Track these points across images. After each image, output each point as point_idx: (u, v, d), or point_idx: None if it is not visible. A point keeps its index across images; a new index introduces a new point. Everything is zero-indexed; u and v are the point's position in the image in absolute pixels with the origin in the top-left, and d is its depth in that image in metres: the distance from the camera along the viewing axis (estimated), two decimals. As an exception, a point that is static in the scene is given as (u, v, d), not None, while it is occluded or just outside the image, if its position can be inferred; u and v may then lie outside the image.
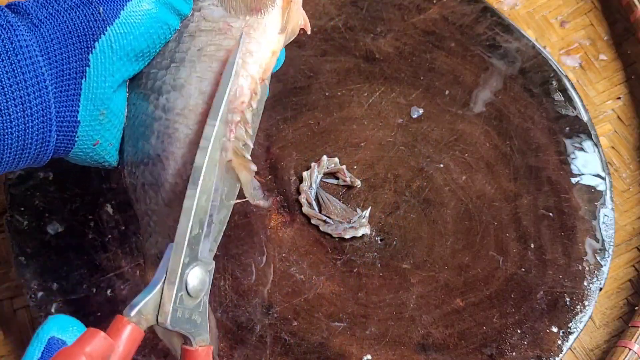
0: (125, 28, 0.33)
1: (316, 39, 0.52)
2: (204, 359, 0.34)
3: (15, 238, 0.45)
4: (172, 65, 0.35)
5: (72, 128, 0.34)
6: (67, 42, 0.32)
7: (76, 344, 0.30)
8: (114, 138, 0.36)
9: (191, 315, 0.34)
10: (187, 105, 0.35)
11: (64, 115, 0.33)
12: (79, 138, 0.34)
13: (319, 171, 0.48)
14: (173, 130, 0.35)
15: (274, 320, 0.44)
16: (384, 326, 0.44)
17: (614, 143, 0.52)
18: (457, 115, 0.50)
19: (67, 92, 0.33)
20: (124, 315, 0.32)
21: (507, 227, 0.47)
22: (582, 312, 0.45)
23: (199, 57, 0.35)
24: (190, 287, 0.33)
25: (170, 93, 0.35)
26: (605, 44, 0.55)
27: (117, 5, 0.33)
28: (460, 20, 0.53)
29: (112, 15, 0.33)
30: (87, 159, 0.36)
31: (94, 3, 0.33)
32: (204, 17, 0.36)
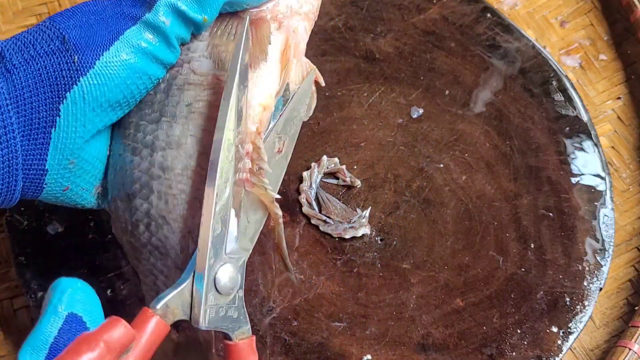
0: (99, 79, 0.32)
1: (316, 39, 0.52)
2: (247, 351, 0.34)
3: (15, 238, 0.45)
4: (162, 119, 0.35)
5: (39, 176, 0.33)
6: (39, 91, 0.31)
7: (97, 332, 0.29)
8: (87, 184, 0.35)
9: (226, 312, 0.34)
10: (189, 165, 0.34)
11: (32, 164, 0.32)
12: (47, 185, 0.33)
13: (319, 171, 0.48)
14: (178, 191, 0.34)
15: (274, 320, 0.44)
16: (384, 326, 0.44)
17: (614, 143, 0.52)
18: (457, 115, 0.50)
19: (35, 141, 0.32)
20: (150, 308, 0.32)
21: (507, 227, 0.47)
22: (582, 312, 0.45)
23: (189, 113, 0.35)
24: (221, 285, 0.33)
25: (166, 150, 0.34)
26: (605, 44, 0.55)
27: (92, 55, 0.32)
28: (460, 20, 0.53)
29: (87, 65, 0.32)
30: (58, 201, 0.36)
31: (71, 51, 0.32)
32: (193, 70, 0.35)
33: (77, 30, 0.32)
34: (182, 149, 0.34)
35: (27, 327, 0.46)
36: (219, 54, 0.35)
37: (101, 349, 0.28)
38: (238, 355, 0.34)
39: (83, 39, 0.32)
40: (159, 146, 0.34)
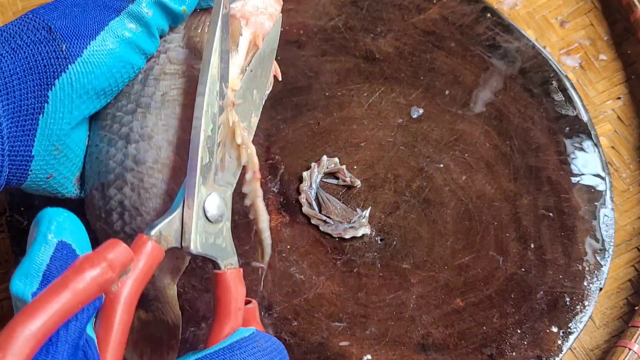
0: (87, 67, 0.33)
1: (316, 39, 0.52)
2: (234, 280, 0.34)
3: (15, 238, 0.45)
4: (138, 110, 0.36)
5: (25, 162, 0.33)
6: (27, 79, 0.32)
7: (99, 252, 0.29)
8: (69, 172, 0.36)
9: (215, 240, 0.35)
10: (159, 158, 0.35)
11: (18, 150, 0.33)
12: (32, 172, 0.34)
13: (319, 171, 0.48)
14: (149, 185, 0.35)
15: (274, 320, 0.44)
16: (384, 326, 0.44)
17: (614, 143, 0.52)
18: (457, 115, 0.50)
19: (22, 128, 0.32)
20: (145, 234, 0.32)
21: (507, 227, 0.47)
22: (582, 312, 0.45)
23: (163, 102, 0.36)
24: (209, 214, 0.34)
25: (139, 143, 0.35)
26: (605, 44, 0.55)
27: (80, 44, 0.33)
28: (460, 20, 0.53)
29: (75, 54, 0.33)
30: (40, 190, 0.36)
31: (58, 40, 0.33)
32: (170, 59, 0.36)
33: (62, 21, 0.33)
34: (153, 142, 0.35)
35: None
36: (195, 44, 0.37)
37: (103, 267, 0.28)
38: (226, 285, 0.34)
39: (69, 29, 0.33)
40: (132, 138, 0.36)
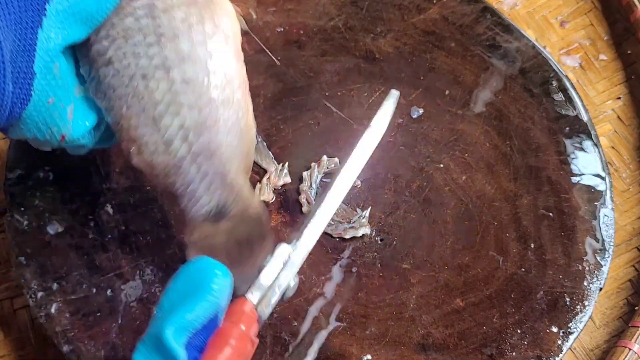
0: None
1: (316, 39, 0.52)
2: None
3: (15, 238, 0.45)
4: (162, 39, 0.36)
5: (28, 80, 0.34)
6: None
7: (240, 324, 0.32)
8: (66, 99, 0.36)
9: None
10: (209, 71, 0.36)
11: (20, 66, 0.33)
12: (34, 92, 0.34)
13: (319, 171, 0.48)
14: (207, 99, 0.36)
15: (274, 320, 0.44)
16: (384, 326, 0.44)
17: (614, 143, 0.52)
18: (457, 115, 0.50)
19: (23, 42, 0.33)
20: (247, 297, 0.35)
21: (507, 227, 0.47)
22: (582, 312, 0.45)
23: (189, 26, 0.36)
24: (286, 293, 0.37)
25: (182, 65, 0.36)
26: (605, 44, 0.55)
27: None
28: (460, 20, 0.53)
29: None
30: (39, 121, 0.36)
31: None
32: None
33: None
34: (196, 59, 0.36)
35: (27, 327, 0.46)
36: None
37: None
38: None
39: None
40: (172, 64, 0.36)
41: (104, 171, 0.47)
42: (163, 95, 0.36)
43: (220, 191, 0.38)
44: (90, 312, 0.43)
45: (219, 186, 0.37)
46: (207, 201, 0.38)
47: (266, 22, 0.53)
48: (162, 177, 0.37)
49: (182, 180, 0.37)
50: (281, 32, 0.52)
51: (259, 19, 0.53)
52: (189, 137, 0.36)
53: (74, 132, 0.37)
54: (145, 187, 0.47)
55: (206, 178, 0.37)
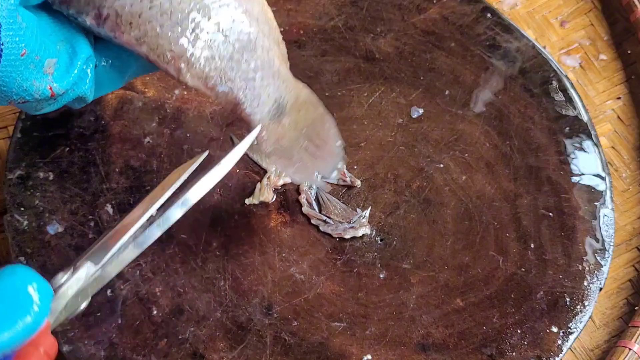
0: None
1: (316, 39, 0.52)
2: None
3: (15, 238, 0.45)
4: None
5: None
6: None
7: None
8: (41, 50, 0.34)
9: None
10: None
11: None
12: (4, 45, 0.32)
13: (319, 171, 0.48)
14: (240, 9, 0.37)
15: (274, 320, 0.44)
16: (384, 326, 0.44)
17: (614, 143, 0.52)
18: (457, 115, 0.50)
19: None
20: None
21: (507, 227, 0.47)
22: (582, 312, 0.45)
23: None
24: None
25: None
26: (605, 44, 0.55)
27: None
28: (460, 20, 0.53)
29: None
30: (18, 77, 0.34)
31: None
32: None
33: None
34: None
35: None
36: None
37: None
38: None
39: None
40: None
41: (104, 171, 0.47)
42: (189, 3, 0.36)
43: (273, 82, 0.39)
44: (90, 312, 0.43)
45: (270, 76, 0.39)
46: (266, 98, 0.39)
47: (266, 22, 0.53)
48: (219, 85, 0.38)
49: (239, 80, 0.38)
50: (281, 32, 0.52)
51: (259, 19, 0.53)
52: (229, 36, 0.37)
53: (60, 83, 0.36)
54: (146, 187, 0.47)
55: (257, 73, 0.38)
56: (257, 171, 0.48)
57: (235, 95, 0.38)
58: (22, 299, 0.27)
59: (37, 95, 0.35)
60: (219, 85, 0.38)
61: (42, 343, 0.29)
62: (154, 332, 0.43)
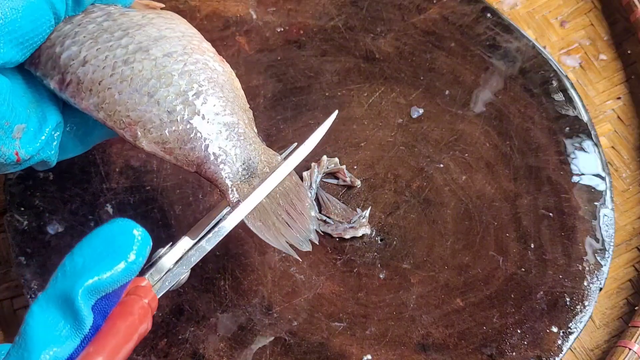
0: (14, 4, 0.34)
1: (316, 39, 0.52)
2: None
3: (15, 238, 0.45)
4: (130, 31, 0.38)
5: None
6: None
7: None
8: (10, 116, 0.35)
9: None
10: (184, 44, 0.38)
11: None
12: None
13: (319, 171, 0.48)
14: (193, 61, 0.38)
15: (274, 320, 0.44)
16: (384, 326, 0.44)
17: (614, 143, 0.52)
18: (457, 115, 0.50)
19: None
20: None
21: (507, 227, 0.47)
22: (582, 312, 0.45)
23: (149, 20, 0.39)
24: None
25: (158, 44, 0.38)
26: (605, 44, 0.55)
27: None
28: (460, 20, 0.53)
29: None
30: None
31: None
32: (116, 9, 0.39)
33: None
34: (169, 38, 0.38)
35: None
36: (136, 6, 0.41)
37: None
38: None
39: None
40: (148, 45, 0.38)
41: (104, 171, 0.47)
42: (151, 71, 0.37)
43: (239, 144, 0.38)
44: (90, 312, 0.43)
45: (235, 138, 0.38)
46: (233, 157, 0.38)
47: (266, 22, 0.53)
48: (177, 148, 0.37)
49: (200, 142, 0.37)
50: (281, 32, 0.52)
51: (259, 19, 0.53)
52: (189, 99, 0.37)
53: (27, 149, 0.36)
54: (146, 187, 0.47)
55: (221, 133, 0.38)
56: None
57: (198, 155, 0.37)
58: (124, 239, 0.29)
59: (2, 160, 0.36)
60: (177, 149, 0.37)
61: (145, 296, 0.31)
62: (154, 332, 0.43)
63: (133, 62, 0.37)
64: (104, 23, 0.38)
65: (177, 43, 0.38)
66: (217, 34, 0.53)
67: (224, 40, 0.52)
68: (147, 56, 0.37)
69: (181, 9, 0.54)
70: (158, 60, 0.37)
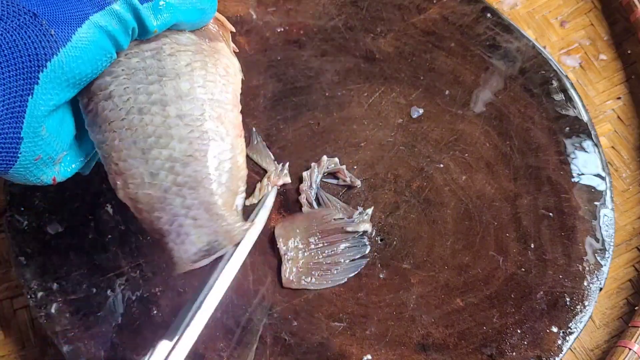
0: (77, 52, 0.34)
1: (316, 39, 0.52)
2: None
3: (15, 238, 0.45)
4: (164, 79, 0.37)
5: (15, 144, 0.34)
6: (17, 61, 0.33)
7: None
8: (54, 152, 0.36)
9: None
10: (204, 110, 0.37)
11: (8, 133, 0.33)
12: (21, 154, 0.34)
13: (319, 171, 0.48)
14: (200, 132, 0.36)
15: (274, 320, 0.44)
16: (384, 326, 0.44)
17: (614, 143, 0.52)
18: (457, 115, 0.50)
19: (12, 110, 0.33)
20: None
21: (507, 227, 0.47)
22: (582, 312, 0.45)
23: (191, 70, 0.37)
24: None
25: (179, 102, 0.36)
26: (605, 44, 0.55)
27: (68, 30, 0.34)
28: (460, 20, 0.53)
29: (65, 38, 0.34)
30: (26, 174, 0.36)
31: (45, 25, 0.33)
32: (176, 42, 0.38)
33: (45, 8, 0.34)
34: (195, 98, 0.37)
35: (27, 327, 0.46)
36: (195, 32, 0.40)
37: None
38: None
39: (54, 15, 0.34)
40: (169, 100, 0.37)
41: (104, 171, 0.47)
42: (155, 129, 0.36)
43: (208, 226, 0.36)
44: (90, 312, 0.43)
45: (206, 219, 0.36)
46: (195, 240, 0.36)
47: (266, 22, 0.53)
48: (146, 212, 0.37)
49: (168, 215, 0.36)
50: (281, 32, 0.52)
51: (259, 19, 0.53)
52: (175, 167, 0.36)
53: (63, 174, 0.38)
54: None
55: (191, 211, 0.36)
56: (257, 171, 0.48)
57: (161, 226, 0.36)
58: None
59: (37, 182, 0.37)
60: (146, 212, 0.36)
61: None
62: (154, 332, 0.43)
63: (146, 114, 0.36)
64: (147, 60, 0.37)
65: (199, 106, 0.37)
66: (217, 34, 0.53)
67: (224, 40, 0.53)
68: (161, 111, 0.36)
69: (181, 9, 0.54)
70: (168, 119, 0.36)
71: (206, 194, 0.36)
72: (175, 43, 0.38)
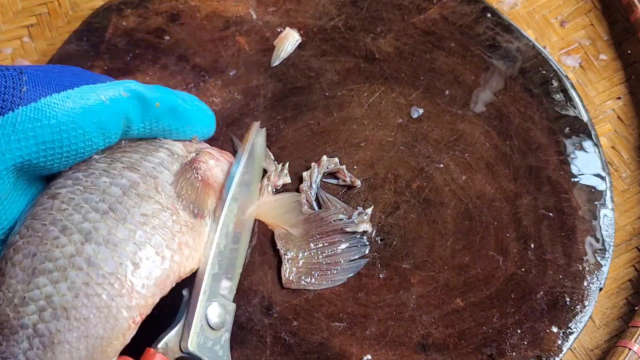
0: (37, 114, 0.32)
1: (316, 39, 0.52)
2: None
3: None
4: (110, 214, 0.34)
5: None
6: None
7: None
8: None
9: (212, 345, 0.38)
10: (117, 272, 0.33)
11: None
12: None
13: (319, 171, 0.48)
14: (93, 292, 0.32)
15: (274, 320, 0.44)
16: (384, 326, 0.44)
17: (614, 143, 0.52)
18: (457, 115, 0.50)
19: None
20: (152, 348, 0.35)
21: (507, 227, 0.47)
22: (582, 312, 0.45)
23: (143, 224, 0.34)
24: (211, 319, 0.38)
25: (100, 247, 0.33)
26: (605, 44, 0.55)
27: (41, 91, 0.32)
28: (460, 20, 0.53)
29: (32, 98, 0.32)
30: None
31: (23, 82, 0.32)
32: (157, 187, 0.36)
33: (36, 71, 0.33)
34: (117, 254, 0.33)
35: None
36: (184, 195, 0.37)
37: None
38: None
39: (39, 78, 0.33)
40: (94, 239, 0.33)
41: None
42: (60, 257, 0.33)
43: None
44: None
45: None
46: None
47: (266, 22, 0.53)
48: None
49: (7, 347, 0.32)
50: (281, 32, 0.52)
51: (259, 19, 0.53)
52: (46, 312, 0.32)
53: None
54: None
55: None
56: (257, 171, 0.48)
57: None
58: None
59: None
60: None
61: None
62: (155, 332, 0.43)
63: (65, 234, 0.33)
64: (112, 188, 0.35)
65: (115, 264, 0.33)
66: (217, 34, 0.53)
67: (224, 40, 0.52)
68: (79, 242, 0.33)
69: (181, 9, 0.54)
70: (78, 257, 0.33)
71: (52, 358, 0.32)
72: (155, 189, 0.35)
